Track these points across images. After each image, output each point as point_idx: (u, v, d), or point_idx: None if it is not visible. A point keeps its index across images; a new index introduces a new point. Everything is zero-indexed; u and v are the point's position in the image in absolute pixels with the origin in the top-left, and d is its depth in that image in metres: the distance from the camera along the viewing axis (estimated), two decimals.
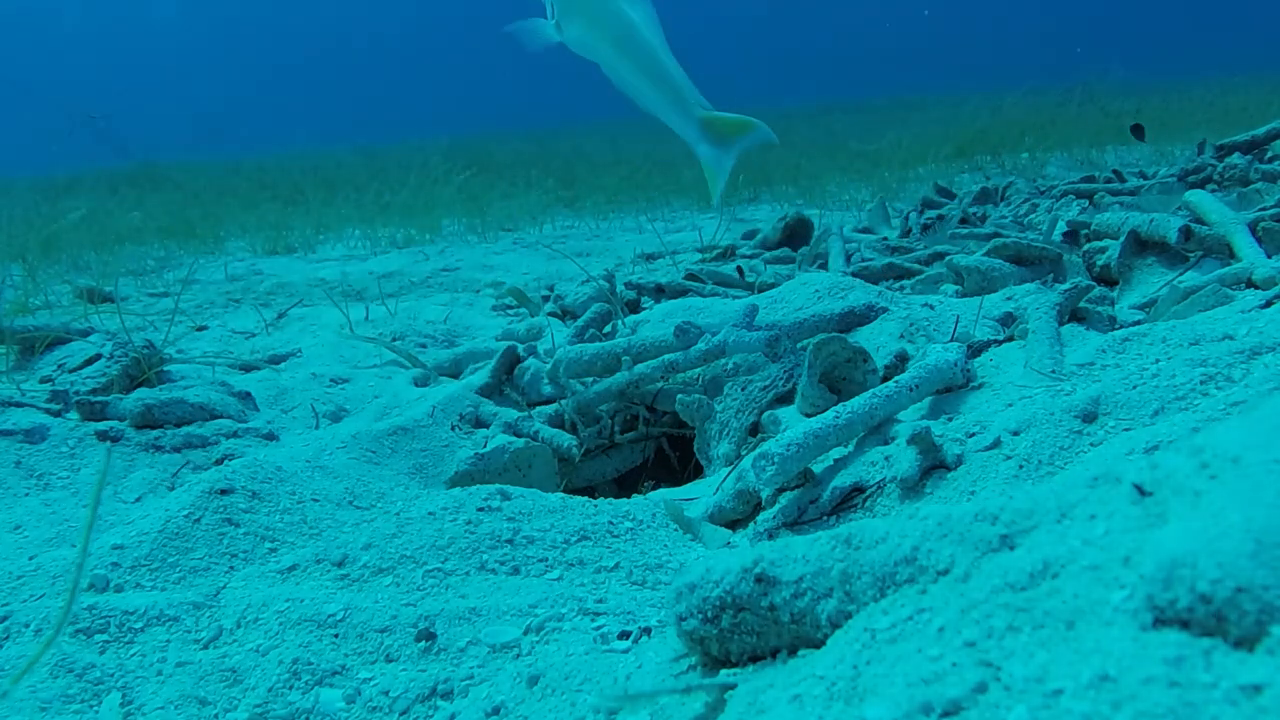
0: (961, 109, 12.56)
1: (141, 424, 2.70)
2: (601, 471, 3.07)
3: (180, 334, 4.28)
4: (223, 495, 2.02)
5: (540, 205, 8.41)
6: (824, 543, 1.11)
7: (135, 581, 1.77)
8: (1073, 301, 2.71)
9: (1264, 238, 3.26)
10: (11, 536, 2.05)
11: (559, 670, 1.39)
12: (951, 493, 1.83)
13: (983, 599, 0.91)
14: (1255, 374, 1.79)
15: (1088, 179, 6.52)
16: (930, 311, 3.05)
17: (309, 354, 3.79)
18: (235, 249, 7.69)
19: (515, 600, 1.63)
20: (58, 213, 8.75)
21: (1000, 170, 8.73)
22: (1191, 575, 0.78)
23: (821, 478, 2.05)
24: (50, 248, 7.06)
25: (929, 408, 2.23)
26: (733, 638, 1.16)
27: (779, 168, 9.17)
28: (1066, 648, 0.81)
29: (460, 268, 6.12)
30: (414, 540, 1.85)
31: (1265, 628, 0.74)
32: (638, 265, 5.79)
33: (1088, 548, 0.90)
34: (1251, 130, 6.37)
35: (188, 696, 1.44)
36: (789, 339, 2.83)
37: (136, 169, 14.24)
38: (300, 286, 5.73)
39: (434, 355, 3.77)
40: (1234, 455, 0.88)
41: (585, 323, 3.62)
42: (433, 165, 9.81)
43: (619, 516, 2.03)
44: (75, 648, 1.53)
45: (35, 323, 3.64)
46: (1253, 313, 2.15)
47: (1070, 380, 2.09)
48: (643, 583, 1.79)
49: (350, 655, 1.52)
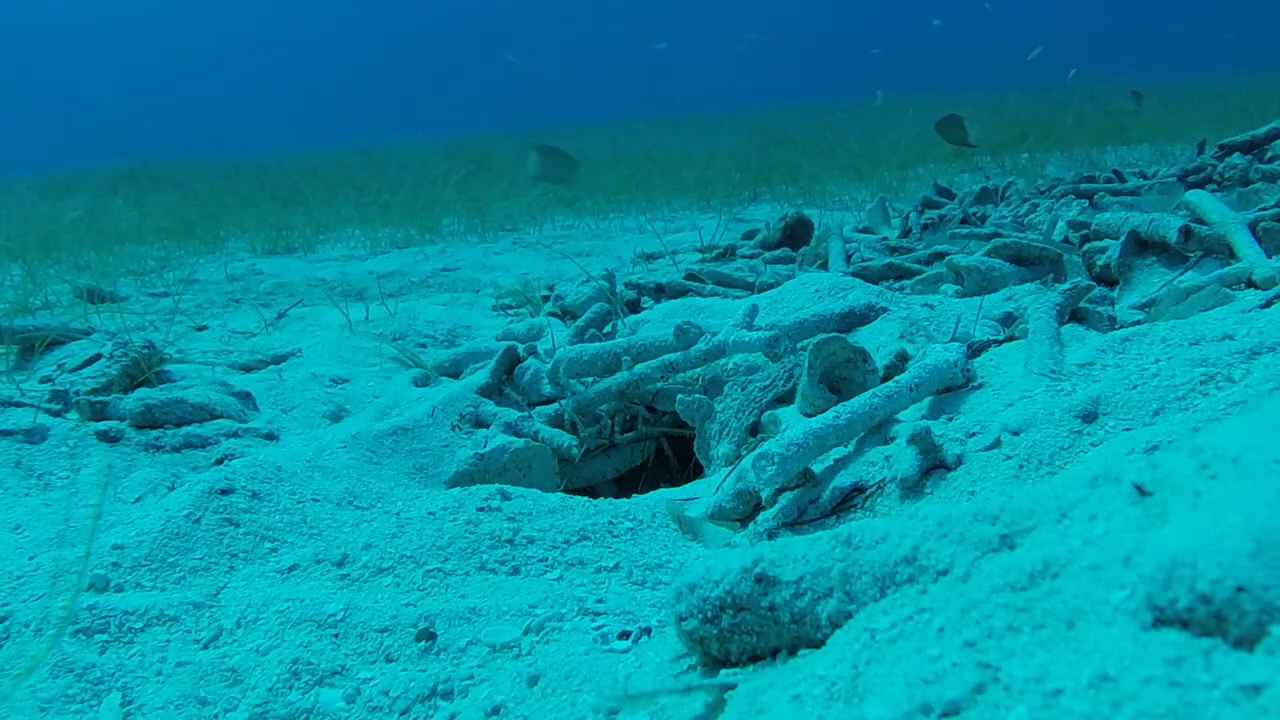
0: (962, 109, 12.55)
1: (141, 424, 2.70)
2: (601, 471, 3.07)
3: (180, 334, 4.28)
4: (223, 495, 2.02)
5: (540, 205, 8.41)
6: (824, 543, 1.11)
7: (135, 581, 1.77)
8: (1073, 301, 2.71)
9: (1264, 238, 3.26)
10: (11, 536, 2.05)
11: (559, 670, 1.39)
12: (951, 493, 1.83)
13: (983, 599, 0.91)
14: (1255, 374, 1.79)
15: (1088, 179, 6.52)
16: (930, 311, 3.05)
17: (309, 354, 3.79)
18: (235, 249, 7.69)
19: (515, 600, 1.63)
20: (57, 212, 8.75)
21: (1000, 170, 8.73)
22: (1191, 575, 0.78)
23: (821, 478, 2.05)
24: (50, 247, 7.06)
25: (929, 408, 2.23)
26: (733, 638, 1.16)
27: (779, 168, 9.17)
28: (1066, 648, 0.81)
29: (460, 268, 6.12)
30: (414, 540, 1.85)
31: (1265, 628, 0.74)
32: (638, 265, 5.79)
33: (1088, 548, 0.90)
34: (1251, 130, 6.38)
35: (188, 696, 1.44)
36: (789, 339, 2.82)
37: (136, 169, 14.24)
38: (300, 286, 5.72)
39: (434, 355, 3.77)
40: (1234, 455, 0.88)
41: (585, 323, 3.62)
42: (433, 165, 9.80)
43: (619, 516, 2.03)
44: (75, 648, 1.53)
45: (35, 323, 3.64)
46: (1253, 313, 2.15)
47: (1070, 380, 2.09)
48: (643, 583, 1.79)
49: (350, 655, 1.52)
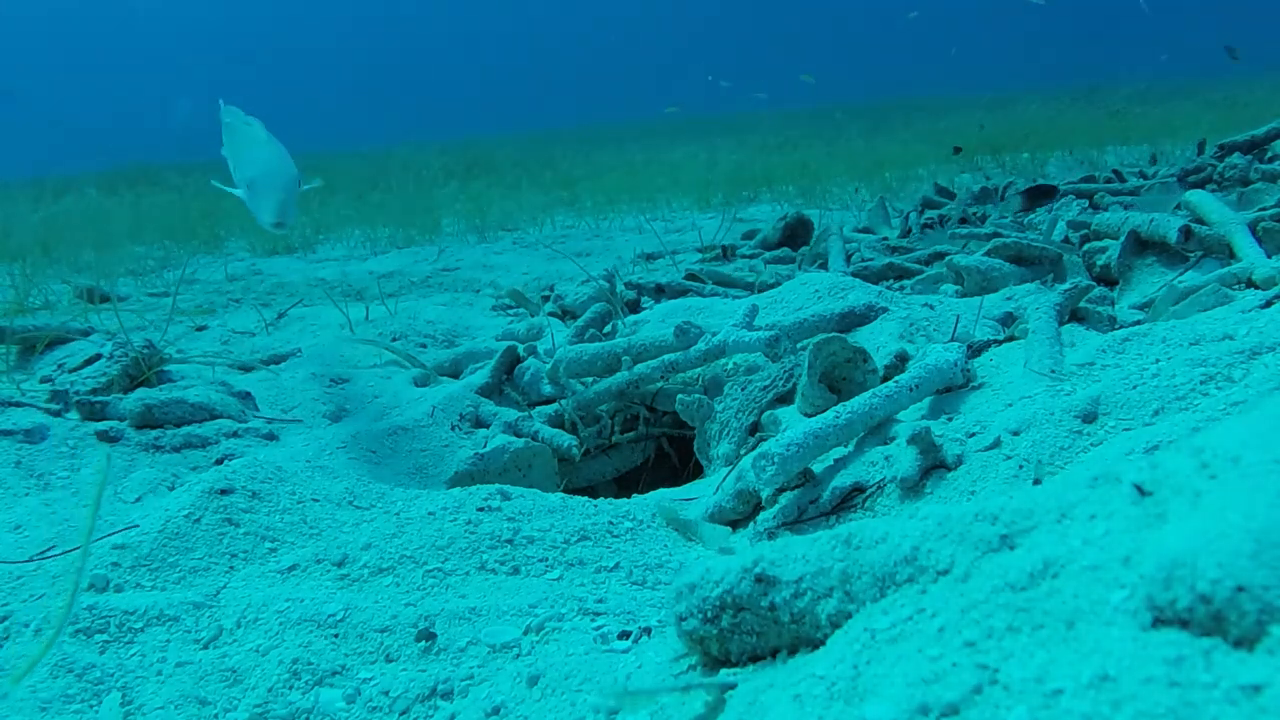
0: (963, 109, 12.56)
1: (141, 424, 2.70)
2: (601, 471, 3.07)
3: (180, 334, 4.28)
4: (223, 495, 2.02)
5: (540, 205, 8.41)
6: (824, 543, 1.11)
7: (135, 581, 1.77)
8: (1073, 301, 2.71)
9: (1264, 238, 3.26)
10: (11, 536, 2.05)
11: (559, 670, 1.39)
12: (951, 493, 1.83)
13: (983, 599, 0.91)
14: (1255, 374, 1.79)
15: (1088, 179, 6.52)
16: (930, 311, 3.05)
17: (309, 354, 3.79)
18: (235, 249, 7.69)
19: (515, 600, 1.63)
20: (52, 215, 8.75)
21: (1000, 170, 8.73)
22: (1191, 575, 0.78)
23: (821, 478, 2.05)
24: (49, 247, 7.06)
25: (929, 408, 2.23)
26: (733, 637, 1.16)
27: (779, 168, 9.16)
28: (1066, 648, 0.81)
29: (460, 268, 6.12)
30: (414, 540, 1.85)
31: (1265, 628, 0.74)
32: (638, 265, 5.79)
33: (1088, 548, 0.90)
34: (1251, 130, 6.38)
35: (188, 696, 1.44)
36: (789, 339, 2.82)
37: (135, 170, 14.24)
38: (300, 286, 5.72)
39: (434, 355, 3.77)
40: (1234, 455, 0.88)
41: (585, 323, 3.62)
42: (433, 165, 9.80)
43: (619, 516, 2.03)
44: (75, 648, 1.53)
45: (35, 323, 3.64)
46: (1253, 313, 2.15)
47: (1070, 380, 2.08)
48: (643, 582, 1.79)
49: (350, 655, 1.52)
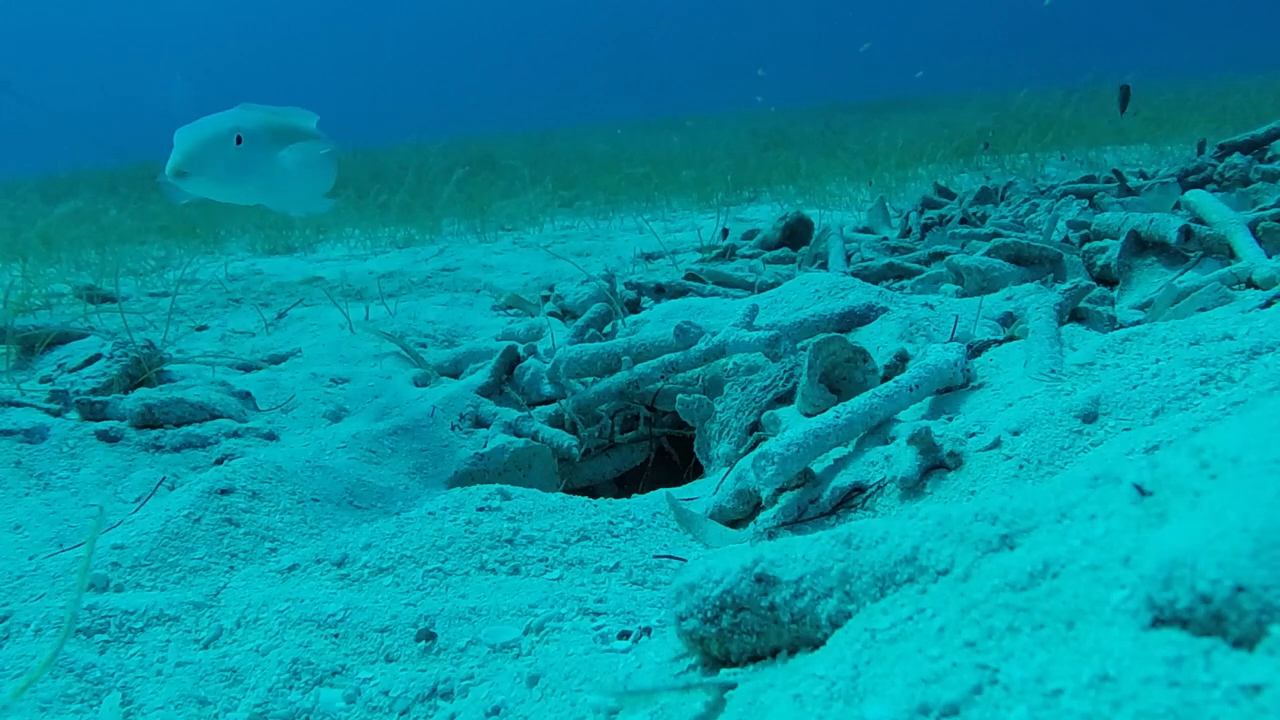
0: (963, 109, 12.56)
1: (141, 424, 2.70)
2: (601, 471, 3.07)
3: (180, 334, 4.28)
4: (223, 495, 2.02)
5: (540, 205, 8.41)
6: (824, 543, 1.10)
7: (135, 581, 1.77)
8: (1073, 301, 2.71)
9: (1264, 238, 3.26)
10: (11, 536, 2.05)
11: (559, 670, 1.39)
12: (951, 493, 1.83)
13: (983, 599, 0.91)
14: (1255, 374, 1.79)
15: (1088, 179, 6.52)
16: (930, 311, 3.05)
17: (309, 354, 3.79)
18: (235, 249, 7.69)
19: (515, 600, 1.63)
20: (53, 212, 8.75)
21: (1000, 170, 8.73)
22: (1191, 575, 0.78)
23: (821, 477, 2.05)
24: (49, 246, 7.06)
25: (929, 408, 2.23)
26: (733, 637, 1.16)
27: (779, 167, 9.16)
28: (1066, 648, 0.81)
29: (460, 268, 6.12)
30: (414, 540, 1.85)
31: (1265, 628, 0.74)
32: (638, 265, 5.79)
33: (1088, 548, 0.90)
34: (1251, 130, 6.38)
35: (188, 696, 1.44)
36: (789, 339, 2.82)
37: (136, 169, 14.23)
38: (300, 286, 5.72)
39: (434, 355, 3.77)
40: (1234, 455, 0.88)
41: (585, 323, 3.62)
42: (433, 165, 9.80)
43: (619, 516, 2.03)
44: (75, 648, 1.53)
45: (35, 322, 3.64)
46: (1253, 313, 2.15)
47: (1070, 380, 2.08)
48: (643, 582, 1.79)
49: (350, 655, 1.52)
